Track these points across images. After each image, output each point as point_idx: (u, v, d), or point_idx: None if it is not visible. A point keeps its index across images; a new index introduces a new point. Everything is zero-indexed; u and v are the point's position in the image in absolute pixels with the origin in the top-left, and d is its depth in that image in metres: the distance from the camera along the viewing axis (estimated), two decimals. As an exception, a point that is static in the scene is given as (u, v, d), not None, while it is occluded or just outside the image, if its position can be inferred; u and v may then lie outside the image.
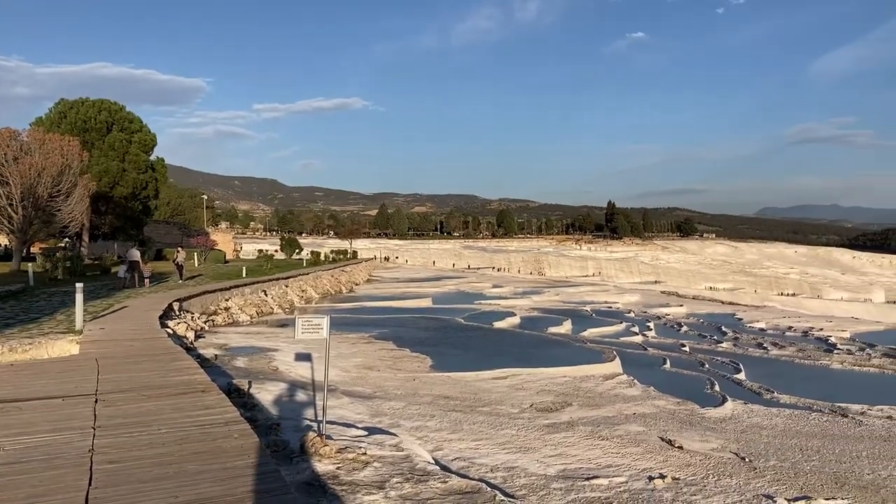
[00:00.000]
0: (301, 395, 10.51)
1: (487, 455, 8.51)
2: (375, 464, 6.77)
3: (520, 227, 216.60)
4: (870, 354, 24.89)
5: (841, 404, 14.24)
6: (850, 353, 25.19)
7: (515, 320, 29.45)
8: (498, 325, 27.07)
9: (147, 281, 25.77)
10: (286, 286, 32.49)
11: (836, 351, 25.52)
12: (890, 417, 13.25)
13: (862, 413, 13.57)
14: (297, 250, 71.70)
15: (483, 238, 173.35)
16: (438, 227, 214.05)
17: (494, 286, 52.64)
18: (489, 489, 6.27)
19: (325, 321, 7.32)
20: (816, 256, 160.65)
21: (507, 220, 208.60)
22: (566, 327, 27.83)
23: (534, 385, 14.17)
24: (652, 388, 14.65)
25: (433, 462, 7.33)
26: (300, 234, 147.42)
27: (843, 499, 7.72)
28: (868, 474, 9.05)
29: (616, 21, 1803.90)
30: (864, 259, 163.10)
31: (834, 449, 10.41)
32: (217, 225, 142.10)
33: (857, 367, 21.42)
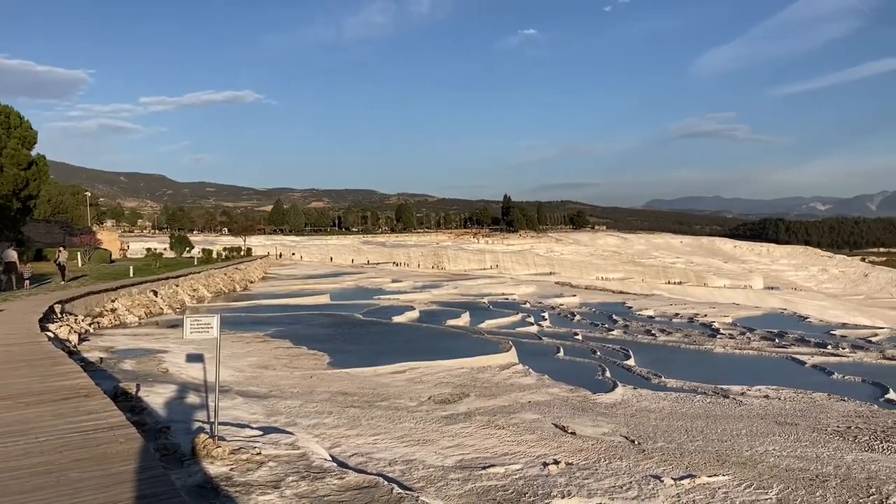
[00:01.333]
0: (193, 397, 10.20)
1: (386, 449, 8.51)
2: (271, 463, 6.66)
3: (419, 221, 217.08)
4: (749, 338, 26.34)
5: (723, 386, 15.01)
6: (731, 337, 26.57)
7: (414, 314, 29.54)
8: (397, 319, 27.08)
9: (27, 282, 24.39)
10: (177, 285, 31.44)
11: (718, 336, 26.86)
12: (766, 397, 14.08)
13: (742, 393, 14.35)
14: (187, 248, 69.35)
15: (382, 233, 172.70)
16: (336, 222, 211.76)
17: (394, 281, 52.61)
18: (386, 483, 6.27)
19: (214, 320, 7.13)
20: (701, 246, 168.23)
21: (406, 214, 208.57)
22: (464, 319, 28.14)
23: (432, 378, 14.27)
24: (546, 376, 15.02)
25: (330, 459, 7.27)
26: (191, 231, 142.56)
27: (724, 475, 8.13)
28: (747, 451, 9.57)
29: (508, 18, 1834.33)
30: (745, 248, 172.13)
31: (716, 428, 10.96)
32: (102, 223, 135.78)
33: (737, 351, 22.60)
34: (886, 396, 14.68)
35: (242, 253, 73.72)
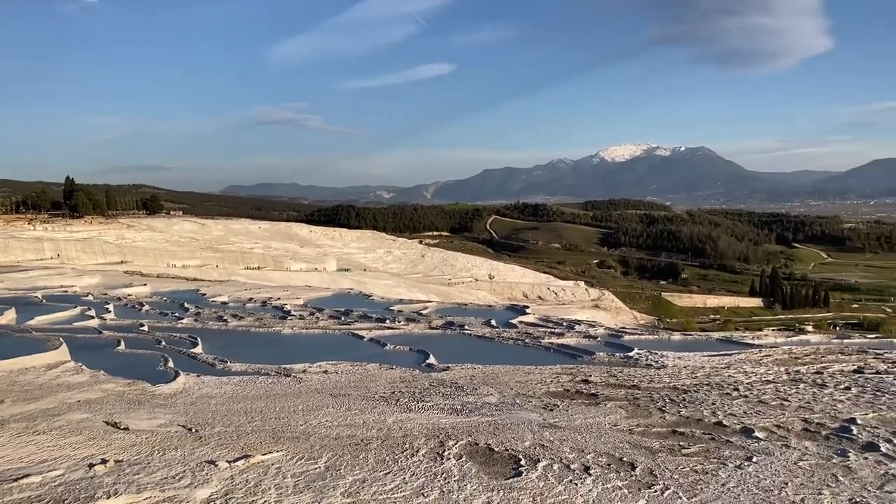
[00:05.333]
0: None
1: None
2: None
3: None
4: (318, 317, 27.68)
5: (287, 365, 15.53)
6: (301, 318, 27.64)
7: (-63, 316, 25.18)
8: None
9: None
10: None
11: (289, 317, 27.75)
12: (326, 372, 14.95)
13: (303, 371, 15.03)
14: None
15: None
16: None
17: (-83, 277, 44.24)
18: None
19: None
20: (279, 231, 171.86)
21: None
22: (8, 317, 24.77)
23: (-45, 387, 12.33)
24: (102, 372, 14.01)
25: None
26: None
27: (278, 451, 8.43)
28: (301, 425, 10.05)
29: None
30: (320, 233, 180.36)
31: (275, 407, 11.30)
32: None
33: (305, 330, 23.63)
34: (427, 361, 16.62)
35: None
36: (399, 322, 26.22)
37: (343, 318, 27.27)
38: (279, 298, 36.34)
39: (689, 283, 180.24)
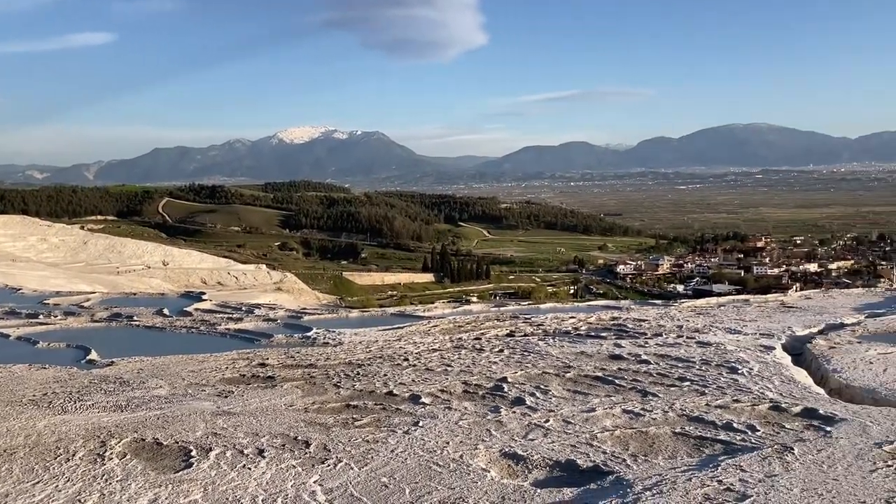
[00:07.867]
0: None
1: None
2: None
3: None
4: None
5: None
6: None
7: None
8: None
9: None
10: None
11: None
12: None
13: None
14: None
15: None
16: None
17: None
18: None
19: None
20: None
21: None
22: None
23: None
24: None
25: None
26: None
27: None
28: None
29: None
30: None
31: None
32: None
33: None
34: (88, 357, 15.17)
35: None
36: (55, 317, 23.65)
37: (-16, 317, 23.98)
38: None
39: (369, 262, 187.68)
